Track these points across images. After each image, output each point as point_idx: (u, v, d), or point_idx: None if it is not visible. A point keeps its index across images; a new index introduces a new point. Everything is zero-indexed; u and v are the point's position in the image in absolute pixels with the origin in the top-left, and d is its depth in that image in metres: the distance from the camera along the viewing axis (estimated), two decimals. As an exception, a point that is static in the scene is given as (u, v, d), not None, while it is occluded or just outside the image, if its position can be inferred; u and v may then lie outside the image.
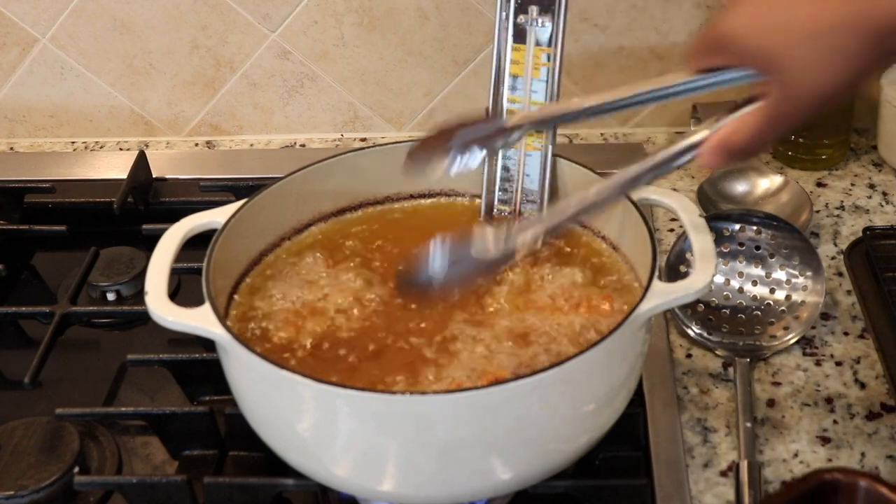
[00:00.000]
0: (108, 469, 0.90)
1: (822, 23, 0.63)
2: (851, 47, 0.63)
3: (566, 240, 0.92)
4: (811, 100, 0.66)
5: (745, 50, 0.67)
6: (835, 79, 0.65)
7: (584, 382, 0.74)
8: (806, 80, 0.65)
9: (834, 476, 0.73)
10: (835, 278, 1.02)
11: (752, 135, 0.69)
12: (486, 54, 1.23)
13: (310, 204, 0.92)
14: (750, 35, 0.66)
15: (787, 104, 0.67)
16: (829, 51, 0.64)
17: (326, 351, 0.82)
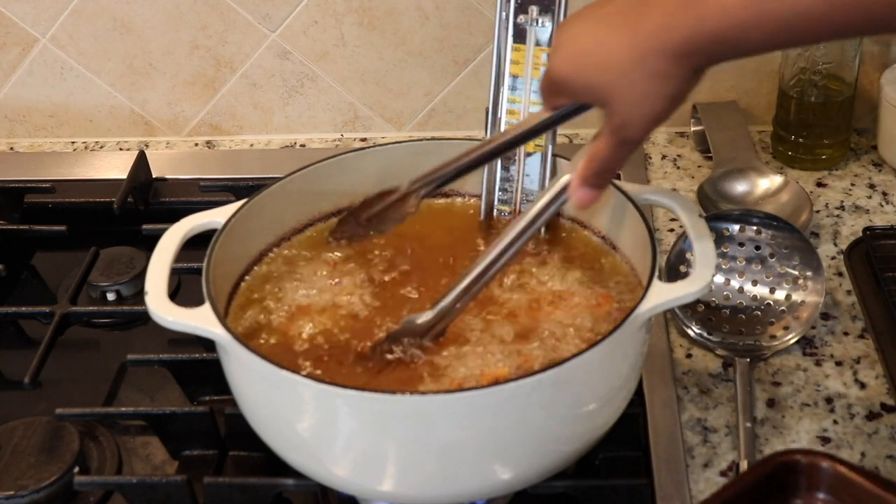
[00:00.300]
0: (108, 469, 0.90)
1: (633, 54, 0.68)
2: (662, 70, 0.68)
3: (566, 240, 0.92)
4: (644, 122, 0.71)
5: (574, 89, 0.72)
6: (658, 100, 0.69)
7: (584, 382, 0.74)
8: (634, 107, 0.70)
9: (794, 457, 0.73)
10: (835, 278, 1.02)
11: (604, 160, 0.74)
12: (486, 54, 1.23)
13: (310, 204, 0.92)
14: (574, 76, 0.71)
15: (625, 129, 0.71)
16: (645, 77, 0.68)
17: (326, 351, 0.82)
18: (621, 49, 0.68)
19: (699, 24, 0.66)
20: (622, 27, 0.68)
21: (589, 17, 0.71)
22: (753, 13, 0.64)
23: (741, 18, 0.64)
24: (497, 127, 0.91)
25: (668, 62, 0.67)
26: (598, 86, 0.70)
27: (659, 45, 0.67)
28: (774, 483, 0.73)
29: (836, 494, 0.73)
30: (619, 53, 0.68)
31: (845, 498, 0.72)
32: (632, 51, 0.68)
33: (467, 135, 1.26)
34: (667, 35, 0.67)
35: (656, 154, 1.23)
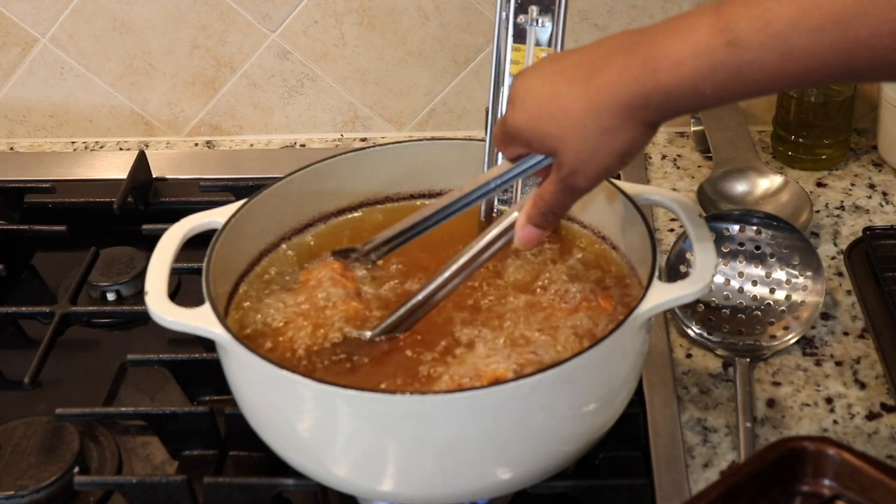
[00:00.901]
0: (108, 469, 0.90)
1: (587, 107, 0.69)
2: (615, 125, 0.69)
3: (566, 240, 0.92)
4: (593, 173, 0.72)
5: (528, 139, 0.74)
6: (609, 152, 0.71)
7: (584, 382, 0.74)
8: (584, 158, 0.71)
9: (801, 444, 0.73)
10: (835, 278, 1.02)
11: (549, 203, 0.76)
12: (486, 54, 1.23)
13: (310, 204, 0.92)
14: (528, 125, 0.72)
15: (573, 178, 0.73)
16: (596, 131, 0.69)
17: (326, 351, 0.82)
18: (575, 102, 0.69)
19: (652, 79, 0.67)
20: (578, 81, 0.69)
21: (546, 69, 0.72)
22: (707, 66, 0.65)
23: (693, 72, 0.66)
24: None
25: (621, 117, 0.69)
26: (550, 136, 0.71)
27: (612, 99, 0.68)
28: (780, 469, 0.73)
29: (842, 482, 0.73)
30: (573, 106, 0.69)
31: (851, 485, 0.72)
32: (585, 104, 0.69)
33: (467, 135, 1.27)
34: (620, 90, 0.68)
35: (656, 154, 1.23)
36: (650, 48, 0.67)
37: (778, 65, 0.64)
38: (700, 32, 0.66)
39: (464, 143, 0.94)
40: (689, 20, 0.67)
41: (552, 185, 0.75)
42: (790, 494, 0.74)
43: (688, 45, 0.66)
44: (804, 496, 0.73)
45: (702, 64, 0.65)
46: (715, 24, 0.65)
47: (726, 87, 0.66)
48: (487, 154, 0.92)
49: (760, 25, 0.63)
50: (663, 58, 0.66)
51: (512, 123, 0.74)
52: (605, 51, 0.70)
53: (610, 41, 0.71)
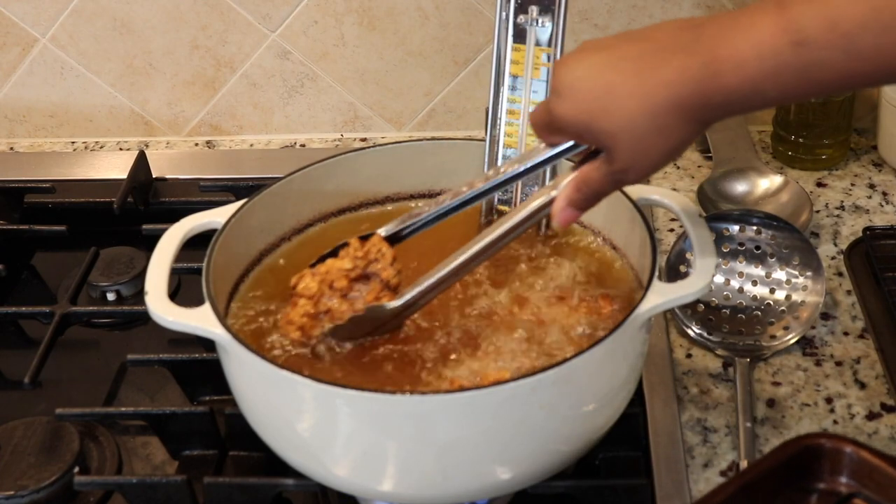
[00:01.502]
0: (108, 469, 0.90)
1: (643, 106, 0.67)
2: (669, 124, 0.68)
3: (566, 240, 0.92)
4: (645, 171, 0.71)
5: (579, 133, 0.72)
6: (661, 151, 0.70)
7: (584, 382, 0.74)
8: (638, 156, 0.70)
9: (818, 442, 0.73)
10: (835, 278, 1.02)
11: (595, 190, 0.74)
12: (486, 54, 1.23)
13: (310, 204, 0.92)
14: (580, 121, 0.70)
15: (626, 174, 0.72)
16: (651, 131, 0.68)
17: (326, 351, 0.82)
18: (631, 99, 0.67)
19: (714, 81, 0.65)
20: (632, 76, 0.67)
21: (593, 59, 0.70)
22: (771, 66, 0.63)
23: (757, 73, 0.64)
24: (497, 127, 0.91)
25: (677, 117, 0.67)
26: (603, 132, 0.69)
27: (669, 100, 0.66)
28: (797, 466, 0.73)
29: (859, 479, 0.73)
30: (628, 104, 0.67)
31: (868, 483, 0.72)
32: (642, 102, 0.67)
33: (467, 135, 1.27)
34: (679, 90, 0.66)
35: (656, 154, 1.22)
36: (710, 47, 0.65)
37: (845, 65, 0.62)
38: (764, 32, 0.64)
39: (464, 143, 0.94)
40: (751, 18, 0.65)
41: (599, 174, 0.73)
42: (806, 492, 0.73)
43: (751, 45, 0.64)
44: (821, 494, 0.73)
45: (766, 65, 0.64)
46: (779, 22, 0.63)
47: (790, 87, 0.64)
48: (487, 154, 0.92)
49: (828, 24, 0.62)
50: (726, 59, 0.65)
51: (561, 115, 0.71)
52: (659, 46, 0.68)
53: (663, 33, 0.68)
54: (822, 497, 0.73)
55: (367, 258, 0.82)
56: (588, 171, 0.74)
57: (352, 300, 0.82)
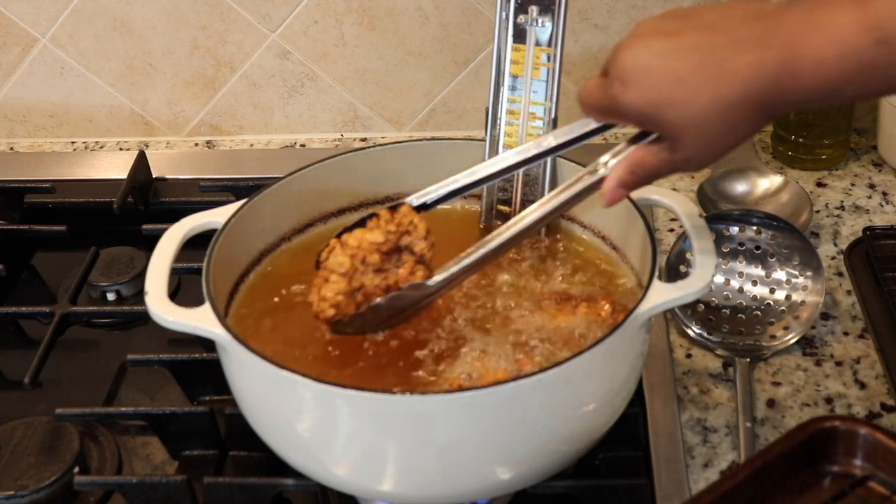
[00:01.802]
0: (108, 469, 0.90)
1: (715, 100, 0.66)
2: (740, 119, 0.67)
3: (566, 240, 0.92)
4: (709, 160, 0.70)
5: (642, 122, 0.70)
6: (728, 144, 0.69)
7: (584, 382, 0.74)
8: (703, 148, 0.69)
9: (832, 424, 0.73)
10: (835, 278, 1.02)
11: (650, 174, 0.73)
12: (486, 54, 1.23)
13: (310, 204, 0.92)
14: (645, 111, 0.68)
15: (687, 164, 0.71)
16: (721, 125, 0.67)
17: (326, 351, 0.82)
18: (700, 93, 0.66)
19: (791, 79, 0.64)
20: (703, 68, 0.66)
21: (661, 47, 0.67)
22: (853, 66, 0.62)
23: (838, 73, 0.63)
24: (497, 127, 0.91)
25: (750, 111, 0.66)
26: (670, 124, 0.68)
27: (743, 96, 0.65)
28: (811, 449, 0.73)
29: (873, 461, 0.72)
30: (698, 97, 0.66)
31: (883, 465, 0.72)
32: (712, 97, 0.66)
33: (467, 135, 1.27)
34: (754, 87, 0.65)
35: (656, 154, 1.22)
36: (788, 43, 0.64)
37: None
38: (845, 29, 0.62)
39: (464, 143, 0.94)
40: (831, 14, 0.63)
41: (657, 160, 0.71)
42: (820, 475, 0.73)
43: (832, 43, 0.62)
44: (834, 476, 0.73)
45: (848, 64, 0.62)
46: (861, 20, 0.62)
47: (869, 85, 0.63)
48: (487, 154, 0.92)
49: None
50: (805, 57, 0.63)
51: (625, 103, 0.69)
52: (731, 36, 0.66)
53: (732, 21, 0.66)
54: (836, 480, 0.73)
55: (399, 231, 0.79)
56: (644, 156, 0.72)
57: (384, 275, 0.79)
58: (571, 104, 1.25)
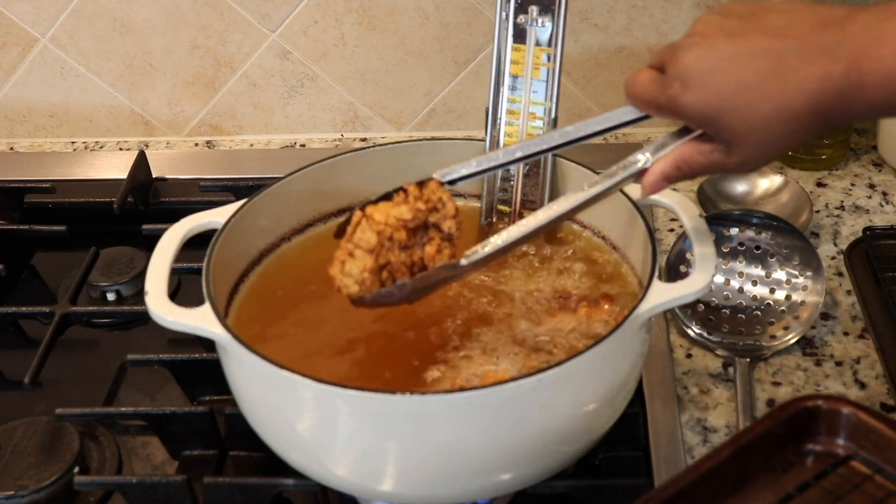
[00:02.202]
0: (108, 469, 0.90)
1: (777, 113, 0.65)
2: (801, 128, 0.66)
3: (566, 240, 0.92)
4: (760, 164, 0.71)
5: (700, 123, 0.70)
6: (784, 149, 0.69)
7: (584, 382, 0.74)
8: (759, 154, 0.68)
9: (815, 403, 0.73)
10: (835, 278, 1.02)
11: (694, 170, 0.72)
12: (486, 54, 1.23)
13: (310, 204, 0.93)
14: (705, 114, 0.68)
15: (740, 167, 0.70)
16: (782, 135, 0.67)
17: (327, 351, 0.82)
18: (765, 101, 0.65)
19: (857, 91, 0.64)
20: (769, 77, 0.65)
21: (726, 51, 0.66)
22: None
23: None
24: (497, 127, 0.91)
25: (813, 121, 0.66)
26: (730, 129, 0.67)
27: (808, 107, 0.65)
28: (793, 428, 0.73)
29: (856, 441, 0.72)
30: (763, 106, 0.65)
31: (866, 445, 0.72)
32: (777, 107, 0.65)
33: (467, 135, 1.27)
34: (820, 99, 0.64)
35: (656, 154, 1.22)
36: (855, 55, 0.63)
37: None
38: None
39: (464, 143, 0.94)
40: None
41: (707, 160, 0.70)
42: (803, 454, 0.73)
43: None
44: (817, 455, 0.73)
45: None
46: None
47: None
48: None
49: None
50: (872, 71, 0.63)
51: (685, 104, 0.68)
52: (801, 45, 0.65)
53: (799, 28, 0.65)
54: (819, 459, 0.73)
55: (427, 208, 0.77)
56: (693, 154, 0.71)
57: (410, 251, 0.77)
58: (571, 104, 1.26)
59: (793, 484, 0.71)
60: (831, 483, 0.71)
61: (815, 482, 0.71)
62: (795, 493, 0.70)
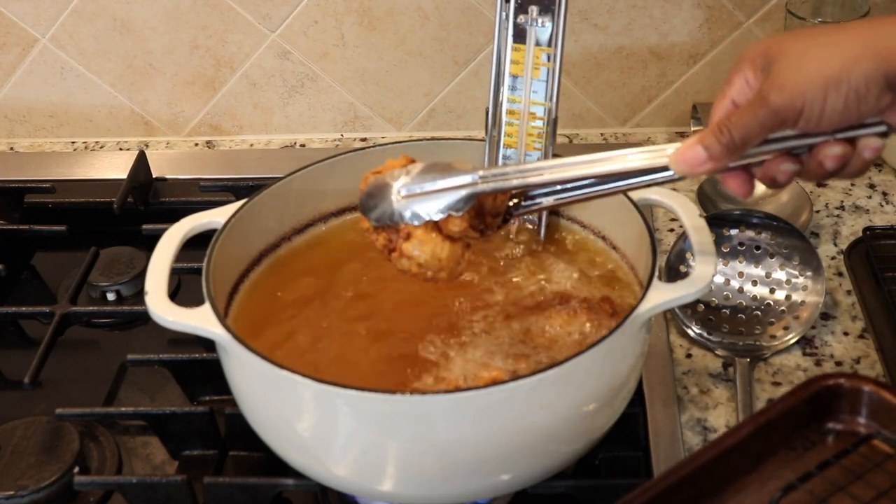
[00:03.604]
0: (108, 469, 0.90)
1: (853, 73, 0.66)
2: (871, 93, 0.67)
3: (566, 240, 0.92)
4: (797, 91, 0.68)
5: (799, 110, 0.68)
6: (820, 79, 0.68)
7: (584, 382, 0.74)
8: (798, 77, 0.67)
9: (837, 381, 0.73)
10: (835, 278, 1.02)
11: (738, 126, 0.68)
12: (486, 54, 1.23)
13: (310, 204, 0.93)
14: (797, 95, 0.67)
15: (777, 91, 0.68)
16: (849, 95, 0.67)
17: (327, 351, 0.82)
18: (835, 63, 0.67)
19: None
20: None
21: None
22: None
23: None
24: (497, 127, 0.91)
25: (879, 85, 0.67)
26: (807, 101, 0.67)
27: (873, 68, 0.66)
28: (815, 406, 0.73)
29: (878, 420, 0.72)
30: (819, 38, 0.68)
31: (887, 423, 0.72)
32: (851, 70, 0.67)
33: (467, 135, 1.27)
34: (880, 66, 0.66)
35: (656, 154, 1.22)
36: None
37: None
38: None
39: (464, 143, 0.94)
40: None
41: (751, 109, 0.68)
42: (824, 432, 0.73)
43: None
44: (838, 434, 0.73)
45: None
46: None
47: None
48: (487, 154, 0.92)
49: None
50: None
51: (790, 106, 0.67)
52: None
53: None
54: (841, 437, 0.73)
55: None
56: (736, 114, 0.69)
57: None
58: (571, 104, 1.26)
59: (813, 462, 0.71)
60: (852, 462, 0.70)
61: (836, 461, 0.70)
62: (816, 472, 0.70)
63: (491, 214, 0.75)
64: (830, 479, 0.69)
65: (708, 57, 1.22)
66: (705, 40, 1.21)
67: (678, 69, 1.23)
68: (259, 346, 0.74)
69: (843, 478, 0.69)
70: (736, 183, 0.72)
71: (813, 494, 0.68)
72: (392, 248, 0.74)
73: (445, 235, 0.73)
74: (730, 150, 0.68)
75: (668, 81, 1.24)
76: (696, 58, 1.22)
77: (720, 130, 0.68)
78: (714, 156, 0.68)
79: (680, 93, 1.25)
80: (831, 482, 0.69)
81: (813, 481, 0.69)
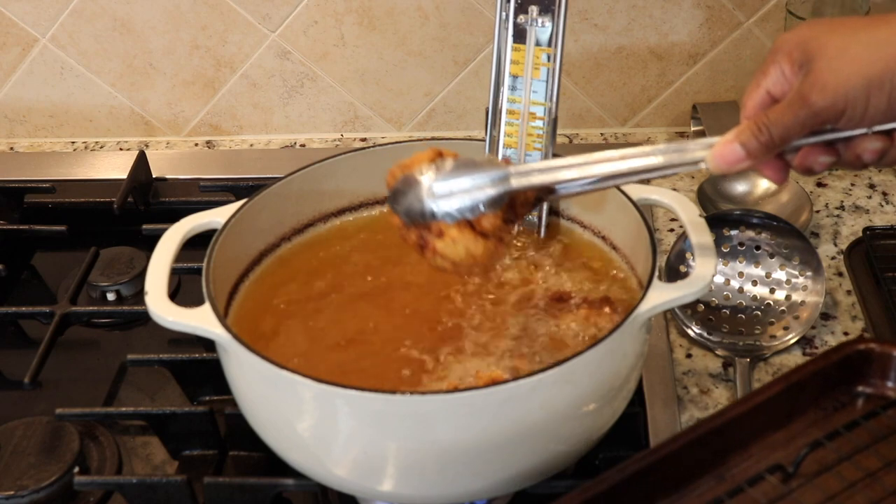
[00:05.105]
0: (108, 469, 0.90)
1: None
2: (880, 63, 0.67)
3: (566, 240, 0.92)
4: (838, 89, 0.68)
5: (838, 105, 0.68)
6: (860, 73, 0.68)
7: (584, 382, 0.74)
8: (840, 72, 0.67)
9: (868, 346, 0.74)
10: (835, 278, 1.02)
11: (785, 127, 0.69)
12: (486, 54, 1.23)
13: (310, 204, 0.93)
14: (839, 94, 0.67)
15: (819, 91, 0.68)
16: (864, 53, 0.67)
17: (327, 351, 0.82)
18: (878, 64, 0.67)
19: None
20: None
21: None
22: None
23: None
24: (497, 127, 0.91)
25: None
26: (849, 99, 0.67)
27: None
28: (845, 370, 0.74)
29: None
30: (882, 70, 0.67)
31: None
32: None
33: (467, 135, 1.27)
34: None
35: (656, 154, 1.22)
36: None
37: None
38: None
39: (464, 143, 0.94)
40: None
41: (791, 109, 0.68)
42: (854, 395, 0.74)
43: None
44: (868, 397, 0.74)
45: None
46: None
47: None
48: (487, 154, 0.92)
49: None
50: None
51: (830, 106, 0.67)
52: None
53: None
54: (869, 401, 0.74)
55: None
56: (774, 110, 0.69)
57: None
58: (571, 104, 1.26)
59: (842, 422, 0.72)
60: (880, 423, 0.72)
61: (864, 421, 0.72)
62: (843, 431, 0.71)
63: (522, 205, 0.75)
64: (857, 439, 0.71)
65: (708, 57, 1.22)
66: (705, 40, 1.21)
67: (678, 69, 1.23)
68: (259, 346, 0.74)
69: (870, 439, 0.71)
70: (771, 171, 0.72)
71: (840, 453, 0.69)
72: (424, 244, 0.74)
73: (478, 232, 0.73)
74: (768, 148, 0.69)
75: (668, 81, 1.24)
76: (695, 58, 1.22)
77: (759, 129, 0.69)
78: (752, 153, 0.69)
79: (680, 93, 1.25)
80: (858, 442, 0.70)
81: (839, 440, 0.70)
